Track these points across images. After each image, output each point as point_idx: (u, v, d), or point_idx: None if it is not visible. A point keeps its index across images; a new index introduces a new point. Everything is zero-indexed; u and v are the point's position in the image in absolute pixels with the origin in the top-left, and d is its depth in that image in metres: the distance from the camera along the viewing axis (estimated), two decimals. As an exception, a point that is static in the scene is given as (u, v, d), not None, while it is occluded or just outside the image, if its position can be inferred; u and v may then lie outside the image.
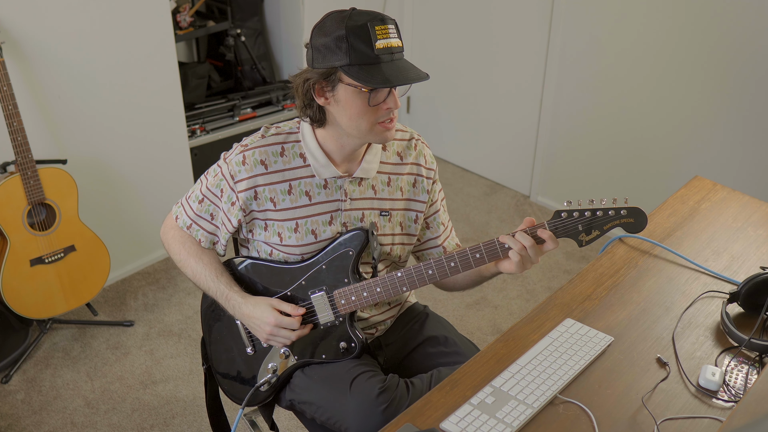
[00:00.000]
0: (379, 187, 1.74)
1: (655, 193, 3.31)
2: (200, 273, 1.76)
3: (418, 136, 1.80)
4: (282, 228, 1.69)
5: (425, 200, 1.80)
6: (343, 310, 1.71)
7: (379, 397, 1.62)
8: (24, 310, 2.73)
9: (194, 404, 2.65)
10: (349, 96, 1.55)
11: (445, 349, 1.84)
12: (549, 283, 3.27)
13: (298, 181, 1.68)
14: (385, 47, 1.51)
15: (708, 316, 1.74)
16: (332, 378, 1.73)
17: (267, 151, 1.66)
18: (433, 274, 1.63)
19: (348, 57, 1.51)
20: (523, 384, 1.52)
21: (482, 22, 3.73)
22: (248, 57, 3.72)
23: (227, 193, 1.68)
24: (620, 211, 1.54)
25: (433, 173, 1.81)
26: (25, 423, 2.58)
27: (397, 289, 1.66)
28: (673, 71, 3.12)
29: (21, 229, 2.62)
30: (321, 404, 1.74)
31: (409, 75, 1.53)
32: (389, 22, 1.53)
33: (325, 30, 1.53)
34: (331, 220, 1.70)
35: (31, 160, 2.57)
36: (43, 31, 2.66)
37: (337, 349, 1.75)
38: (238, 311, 1.73)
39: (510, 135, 3.86)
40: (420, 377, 1.72)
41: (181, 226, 1.78)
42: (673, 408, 1.50)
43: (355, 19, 1.51)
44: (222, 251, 1.80)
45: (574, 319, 1.71)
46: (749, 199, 2.16)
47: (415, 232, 1.81)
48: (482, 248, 1.60)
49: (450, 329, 1.92)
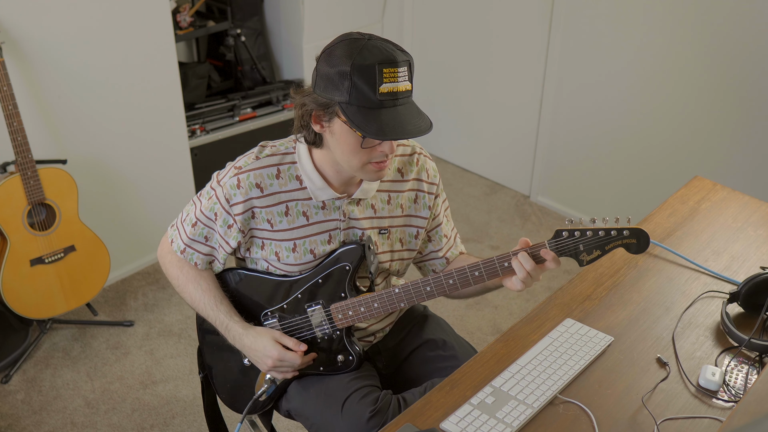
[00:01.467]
0: (379, 205, 1.70)
1: (655, 193, 3.31)
2: (199, 300, 1.73)
3: (420, 149, 1.76)
4: (280, 247, 1.66)
5: (427, 216, 1.76)
6: (340, 324, 1.69)
7: (370, 421, 1.61)
8: (24, 310, 2.73)
9: (194, 404, 2.65)
10: (344, 133, 1.50)
11: (443, 353, 1.83)
12: (549, 283, 3.27)
13: (295, 202, 1.63)
14: (389, 92, 1.43)
15: (708, 316, 1.74)
16: (326, 395, 1.71)
17: (262, 174, 1.61)
18: (431, 291, 1.61)
19: (349, 95, 1.44)
20: (523, 384, 1.52)
21: (482, 22, 3.73)
22: (248, 57, 3.72)
23: (222, 216, 1.63)
24: (622, 232, 1.51)
25: (435, 188, 1.76)
26: (25, 423, 2.58)
27: (395, 305, 1.65)
28: (673, 71, 3.12)
29: (21, 229, 2.62)
30: (314, 421, 1.72)
31: (406, 128, 1.44)
32: (401, 65, 1.44)
33: (333, 60, 1.45)
34: (329, 239, 1.67)
35: (31, 160, 2.57)
36: (43, 31, 2.66)
37: (335, 362, 1.74)
38: (239, 342, 1.71)
39: (510, 135, 3.86)
40: (413, 392, 1.70)
41: (176, 251, 1.73)
42: (673, 408, 1.50)
43: (365, 56, 1.42)
44: (220, 269, 1.76)
45: (574, 319, 1.71)
46: (749, 199, 2.16)
47: (416, 247, 1.78)
48: (481, 266, 1.58)
49: (449, 332, 1.90)
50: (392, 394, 1.69)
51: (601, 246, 1.52)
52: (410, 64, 1.47)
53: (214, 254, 1.72)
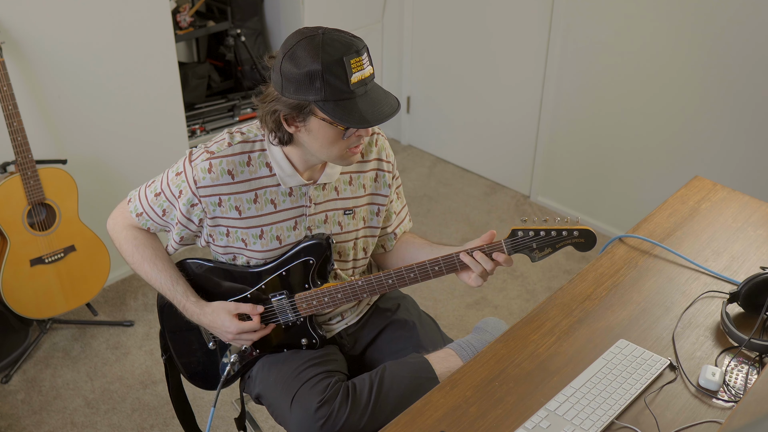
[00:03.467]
0: (342, 187, 1.75)
1: (655, 193, 3.31)
2: (155, 279, 1.77)
3: (378, 129, 1.81)
4: (246, 235, 1.70)
5: (387, 194, 1.83)
6: (304, 312, 1.76)
7: (317, 412, 1.66)
8: (24, 310, 2.73)
9: (194, 404, 2.64)
10: (323, 128, 1.54)
11: (406, 334, 1.89)
12: (549, 283, 3.27)
13: (264, 189, 1.68)
14: (359, 80, 1.48)
15: (708, 316, 1.74)
16: (283, 381, 1.75)
17: (234, 161, 1.64)
18: (393, 284, 1.69)
19: (323, 93, 1.47)
20: (578, 408, 1.48)
21: (482, 21, 3.72)
22: (248, 57, 3.72)
23: (188, 195, 1.66)
24: (573, 232, 1.62)
25: (392, 166, 1.83)
26: (25, 423, 2.58)
27: (358, 295, 1.72)
28: (673, 70, 3.12)
29: (21, 229, 2.62)
30: (273, 410, 1.79)
31: (383, 110, 1.50)
32: (362, 51, 1.49)
33: (297, 61, 1.47)
34: (295, 225, 1.72)
35: (31, 160, 2.57)
36: (43, 31, 2.66)
37: (299, 344, 1.81)
38: (196, 320, 1.76)
39: (510, 134, 3.86)
40: (363, 377, 1.73)
41: (131, 211, 1.76)
42: (673, 408, 1.49)
43: (329, 52, 1.45)
44: (172, 251, 1.80)
45: (628, 340, 1.66)
46: (749, 199, 2.16)
47: (378, 224, 1.85)
48: (441, 262, 1.67)
49: (414, 313, 1.95)
50: (343, 381, 1.73)
51: (553, 245, 1.64)
52: (367, 48, 1.52)
53: (168, 228, 1.76)
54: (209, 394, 2.64)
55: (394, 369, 1.73)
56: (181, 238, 1.74)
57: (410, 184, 3.97)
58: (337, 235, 1.77)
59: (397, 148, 4.29)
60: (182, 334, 1.86)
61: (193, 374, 1.92)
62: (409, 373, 1.72)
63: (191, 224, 1.71)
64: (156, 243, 1.80)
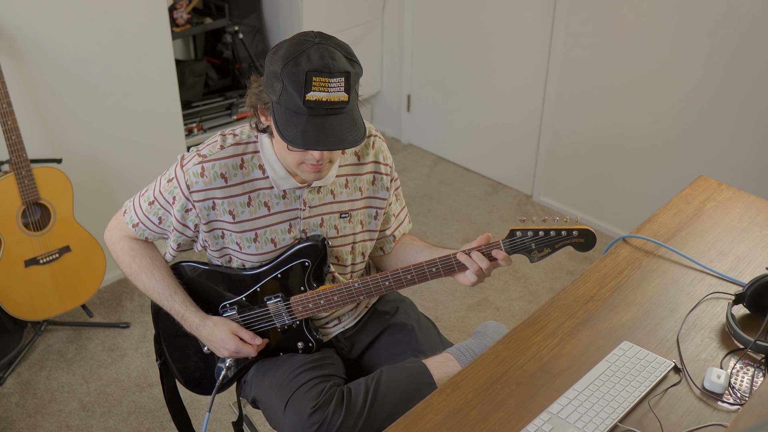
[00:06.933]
0: (338, 190, 1.73)
1: (659, 193, 3.29)
2: (153, 290, 1.75)
3: (375, 131, 1.79)
4: (240, 238, 1.69)
5: (386, 197, 1.81)
6: (300, 315, 1.74)
7: (311, 417, 1.64)
8: (18, 312, 2.71)
9: (191, 407, 2.62)
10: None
11: (404, 338, 1.87)
12: (552, 284, 3.25)
13: (257, 192, 1.66)
14: (317, 100, 1.43)
15: (713, 317, 1.72)
16: (277, 386, 1.74)
17: (227, 164, 1.63)
18: (389, 285, 1.67)
19: (279, 96, 1.46)
20: (581, 411, 1.46)
21: (484, 18, 3.70)
22: (246, 54, 3.70)
23: (181, 201, 1.65)
24: (572, 232, 1.61)
25: (390, 169, 1.81)
26: (19, 426, 2.56)
27: (354, 298, 1.70)
28: (677, 69, 3.10)
29: (15, 230, 2.60)
30: (268, 414, 1.78)
31: (328, 139, 1.44)
32: (336, 75, 1.42)
33: (275, 58, 1.47)
34: (290, 228, 1.71)
35: (26, 159, 2.55)
36: (38, 28, 2.64)
37: (295, 349, 1.79)
38: (195, 332, 1.75)
39: (512, 134, 3.84)
40: (359, 382, 1.72)
41: (127, 222, 1.76)
42: (677, 411, 1.48)
43: (298, 61, 1.42)
44: (170, 258, 1.79)
45: (631, 342, 1.64)
46: (755, 198, 2.14)
47: (376, 227, 1.82)
48: (438, 263, 1.64)
49: (413, 316, 1.93)
50: (339, 386, 1.72)
51: (552, 245, 1.62)
52: (350, 75, 1.45)
53: (165, 235, 1.75)
54: (205, 398, 2.61)
55: (391, 373, 1.71)
56: (178, 245, 1.74)
57: (410, 183, 3.95)
58: (334, 238, 1.75)
59: (397, 147, 4.27)
60: (177, 338, 1.85)
61: (188, 379, 1.91)
62: (406, 378, 1.70)
63: (187, 230, 1.70)
64: (153, 252, 1.79)
